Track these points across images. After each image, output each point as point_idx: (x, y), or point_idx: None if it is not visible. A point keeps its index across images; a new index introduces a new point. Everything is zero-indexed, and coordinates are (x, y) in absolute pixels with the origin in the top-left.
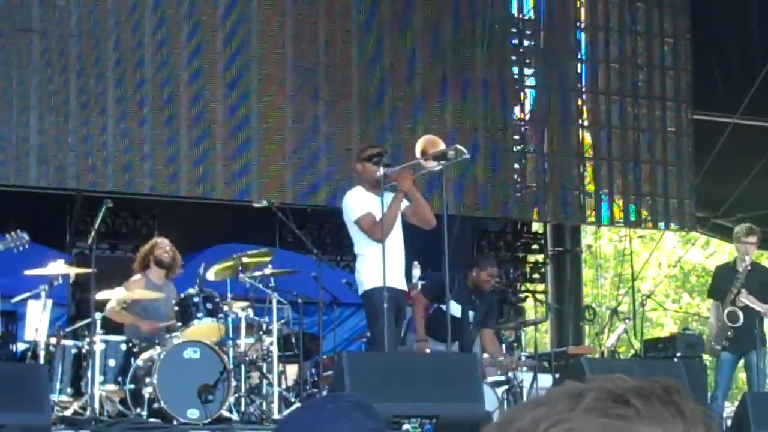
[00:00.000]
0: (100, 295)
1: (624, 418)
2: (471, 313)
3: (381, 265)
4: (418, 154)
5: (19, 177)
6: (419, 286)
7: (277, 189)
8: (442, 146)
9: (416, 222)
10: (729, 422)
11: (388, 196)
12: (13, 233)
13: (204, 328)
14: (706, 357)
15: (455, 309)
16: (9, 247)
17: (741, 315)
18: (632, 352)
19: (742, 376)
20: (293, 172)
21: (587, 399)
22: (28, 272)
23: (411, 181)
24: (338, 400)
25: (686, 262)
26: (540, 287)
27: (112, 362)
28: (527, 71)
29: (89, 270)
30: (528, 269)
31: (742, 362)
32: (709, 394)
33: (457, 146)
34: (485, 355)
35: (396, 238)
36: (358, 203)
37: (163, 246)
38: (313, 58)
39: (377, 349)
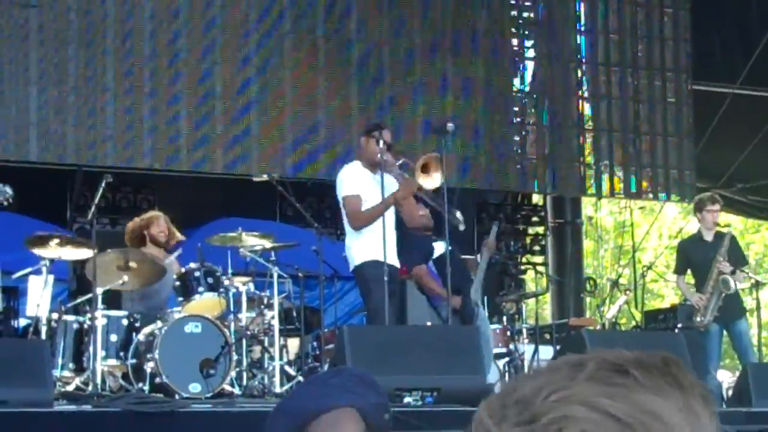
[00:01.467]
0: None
1: (623, 386)
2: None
3: (370, 239)
4: (418, 169)
5: (19, 152)
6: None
7: (276, 162)
8: (441, 168)
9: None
10: (730, 392)
11: (387, 179)
12: None
13: (205, 303)
14: None
15: (439, 247)
16: None
17: (733, 283)
18: (633, 323)
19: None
20: (292, 145)
21: (588, 368)
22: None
23: (410, 194)
24: (342, 374)
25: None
26: (540, 259)
27: (113, 337)
28: (527, 43)
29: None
30: (528, 241)
31: None
32: None
33: (458, 214)
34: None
35: (387, 214)
36: (351, 181)
37: (159, 224)
38: (312, 30)
39: (375, 322)
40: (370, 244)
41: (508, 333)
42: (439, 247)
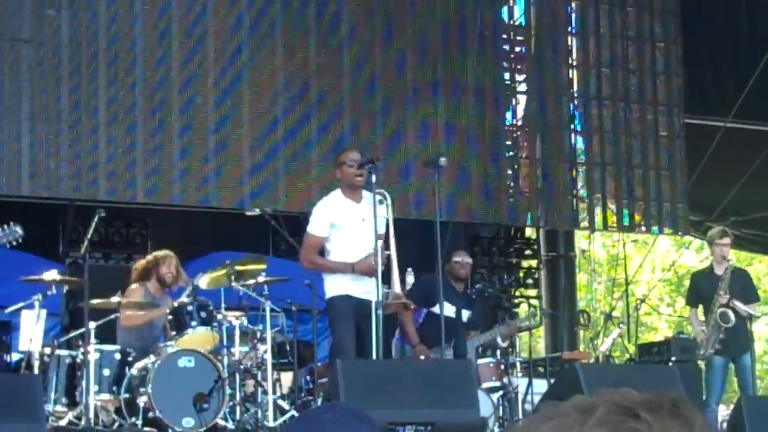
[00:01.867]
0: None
1: (635, 431)
2: (465, 313)
3: (343, 274)
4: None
5: (11, 187)
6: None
7: (269, 197)
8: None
9: None
10: (724, 425)
11: (368, 199)
12: (5, 226)
13: (198, 337)
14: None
15: (448, 310)
16: (2, 243)
17: (732, 316)
18: (627, 356)
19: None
20: (285, 179)
21: (597, 413)
22: (23, 278)
23: (370, 270)
24: (336, 410)
25: (680, 266)
26: (534, 292)
27: (106, 372)
28: (519, 77)
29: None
30: (521, 274)
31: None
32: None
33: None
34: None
35: (365, 246)
36: (318, 217)
37: (169, 266)
38: (304, 66)
39: (338, 356)
40: (342, 279)
41: (502, 366)
42: (446, 308)
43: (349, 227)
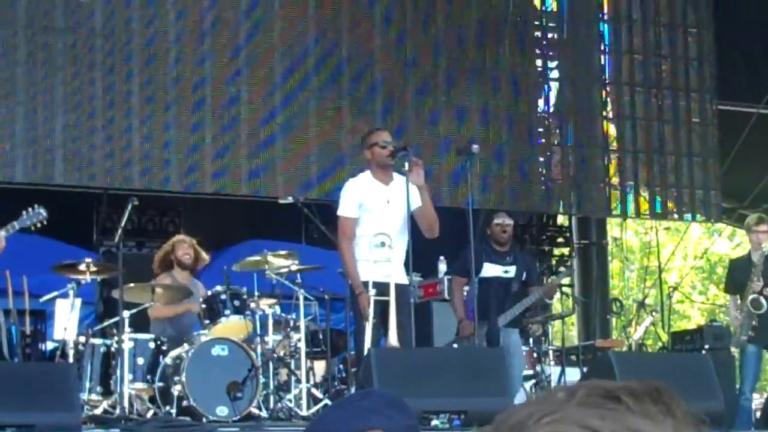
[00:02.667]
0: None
1: (614, 410)
2: (511, 269)
3: (366, 258)
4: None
5: (45, 176)
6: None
7: (302, 185)
8: None
9: (421, 223)
10: (757, 414)
11: (400, 180)
12: (30, 209)
13: (231, 326)
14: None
15: (495, 270)
16: (26, 225)
17: (764, 302)
18: (660, 344)
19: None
20: (318, 167)
21: (579, 394)
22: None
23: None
24: (371, 397)
25: (712, 253)
26: (566, 280)
27: (140, 360)
28: (551, 64)
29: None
30: (554, 262)
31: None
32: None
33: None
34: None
35: (388, 230)
36: (347, 198)
37: (183, 247)
38: (337, 53)
39: (356, 345)
40: (363, 264)
41: (535, 355)
42: (491, 270)
43: (375, 209)
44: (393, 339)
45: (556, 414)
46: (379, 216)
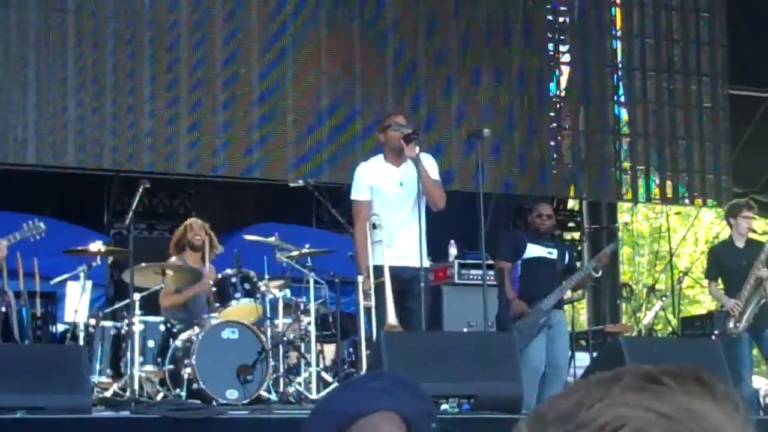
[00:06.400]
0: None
1: (664, 393)
2: (554, 251)
3: (376, 242)
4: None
5: (57, 158)
6: (456, 265)
7: (312, 168)
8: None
9: (426, 197)
10: (767, 400)
11: (411, 166)
12: (30, 222)
13: (242, 309)
14: None
15: (540, 250)
16: (26, 237)
17: None
18: (669, 329)
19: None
20: (329, 151)
21: (624, 380)
22: (68, 250)
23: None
24: (383, 378)
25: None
26: (576, 265)
27: (151, 343)
28: (562, 48)
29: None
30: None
31: None
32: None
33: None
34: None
35: (399, 212)
36: (359, 180)
37: (195, 229)
38: (348, 37)
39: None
40: (376, 247)
41: None
42: (536, 250)
43: (386, 191)
44: (392, 319)
45: (607, 400)
46: (389, 198)
